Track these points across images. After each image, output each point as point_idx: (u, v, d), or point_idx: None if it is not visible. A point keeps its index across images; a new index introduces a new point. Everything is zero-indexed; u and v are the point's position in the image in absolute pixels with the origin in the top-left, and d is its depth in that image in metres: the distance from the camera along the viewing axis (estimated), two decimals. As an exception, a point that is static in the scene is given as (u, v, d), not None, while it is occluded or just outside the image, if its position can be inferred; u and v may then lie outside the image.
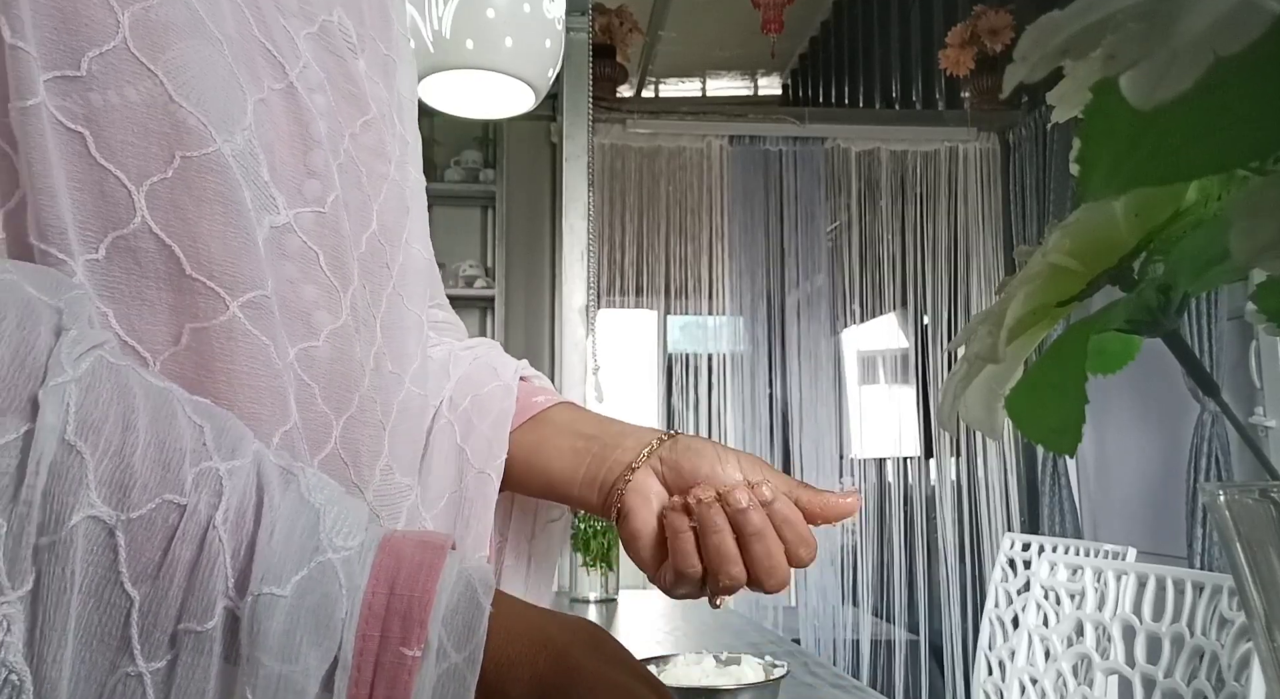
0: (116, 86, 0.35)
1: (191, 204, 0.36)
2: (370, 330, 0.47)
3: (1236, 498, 0.25)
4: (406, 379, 0.51)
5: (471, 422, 0.60)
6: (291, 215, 0.42)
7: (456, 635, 0.32)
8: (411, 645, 0.30)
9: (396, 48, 0.54)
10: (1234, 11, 0.18)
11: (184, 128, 0.36)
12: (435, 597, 0.31)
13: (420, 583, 0.31)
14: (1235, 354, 2.34)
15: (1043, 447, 0.30)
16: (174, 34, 0.36)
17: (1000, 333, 0.28)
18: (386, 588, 0.31)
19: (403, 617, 0.31)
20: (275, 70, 0.42)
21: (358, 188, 0.47)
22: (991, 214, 3.34)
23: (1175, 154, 0.21)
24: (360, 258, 0.47)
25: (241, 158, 0.39)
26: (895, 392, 3.45)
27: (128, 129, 0.35)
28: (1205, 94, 0.18)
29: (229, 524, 0.30)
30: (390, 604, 0.31)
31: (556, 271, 3.09)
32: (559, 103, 3.07)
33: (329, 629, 0.30)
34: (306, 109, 0.43)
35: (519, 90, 1.59)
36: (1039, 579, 1.74)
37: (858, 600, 3.31)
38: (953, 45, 3.19)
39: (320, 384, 0.43)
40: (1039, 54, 0.22)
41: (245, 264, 0.38)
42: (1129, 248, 0.28)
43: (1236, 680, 1.25)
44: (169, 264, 0.36)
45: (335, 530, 0.32)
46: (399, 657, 0.30)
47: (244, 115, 0.39)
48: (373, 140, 0.49)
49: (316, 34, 0.46)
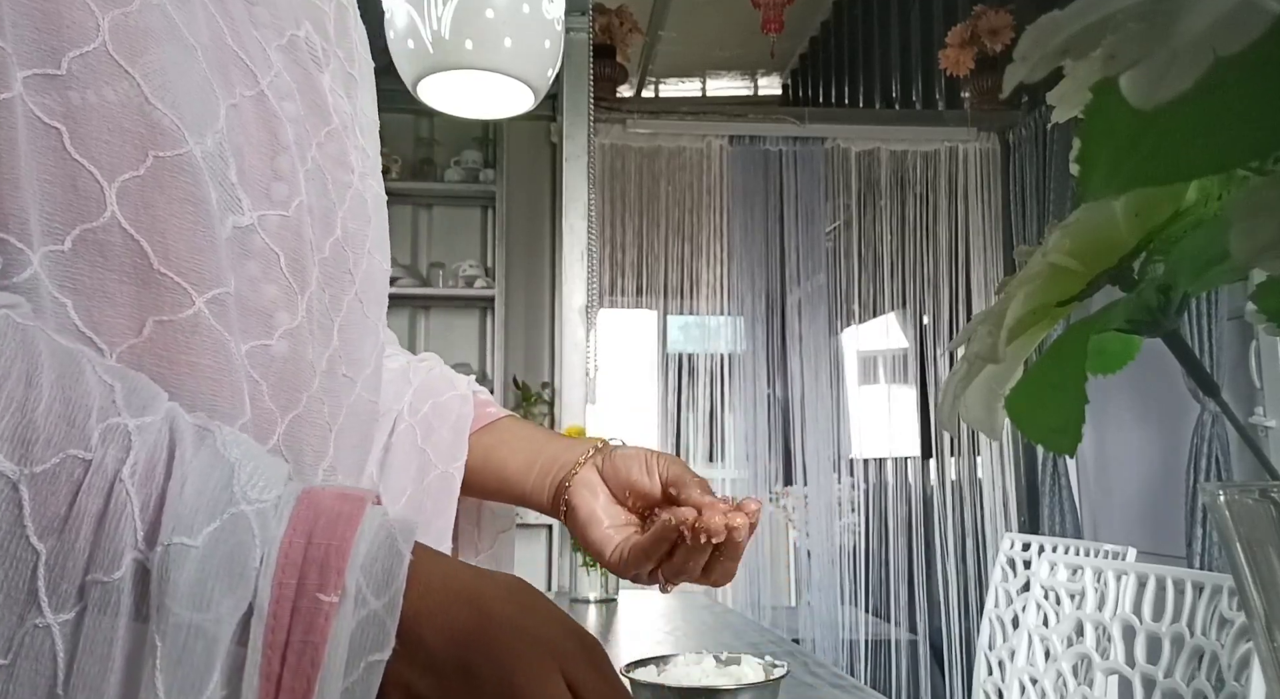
0: (95, 87, 0.36)
1: (162, 202, 0.38)
2: (327, 333, 0.49)
3: (1236, 498, 0.25)
4: (358, 384, 0.53)
5: (432, 425, 0.65)
6: (256, 217, 0.43)
7: (375, 582, 0.32)
8: (328, 592, 0.31)
9: (358, 67, 0.57)
10: (1234, 11, 0.18)
11: (158, 129, 0.37)
12: (353, 545, 0.31)
13: (338, 532, 0.32)
14: (1235, 354, 2.34)
15: (1043, 447, 0.30)
16: (151, 39, 0.38)
17: (1000, 333, 0.28)
18: (304, 538, 0.31)
19: (320, 564, 0.31)
20: (248, 77, 0.44)
21: (323, 195, 0.49)
22: (991, 214, 3.34)
23: (1175, 154, 0.21)
24: (323, 262, 0.48)
25: (211, 159, 0.40)
26: (895, 391, 3.45)
27: (104, 127, 0.36)
28: (1205, 94, 0.18)
29: (137, 478, 0.30)
30: (308, 553, 0.31)
31: (556, 271, 3.10)
32: (559, 103, 3.07)
33: (242, 578, 0.30)
34: (276, 115, 0.45)
35: (519, 90, 1.59)
36: (1039, 579, 1.74)
37: (858, 600, 3.31)
38: (953, 45, 3.19)
39: (269, 382, 0.44)
40: (1039, 54, 0.22)
41: (209, 261, 0.39)
42: (1129, 248, 0.28)
43: (1236, 680, 1.25)
44: (136, 258, 0.37)
45: (250, 484, 0.32)
46: (315, 603, 0.30)
47: (216, 119, 0.41)
48: (336, 150, 0.51)
49: (286, 46, 0.48)
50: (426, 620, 0.33)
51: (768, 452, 3.36)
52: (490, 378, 3.20)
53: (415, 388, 0.68)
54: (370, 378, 0.54)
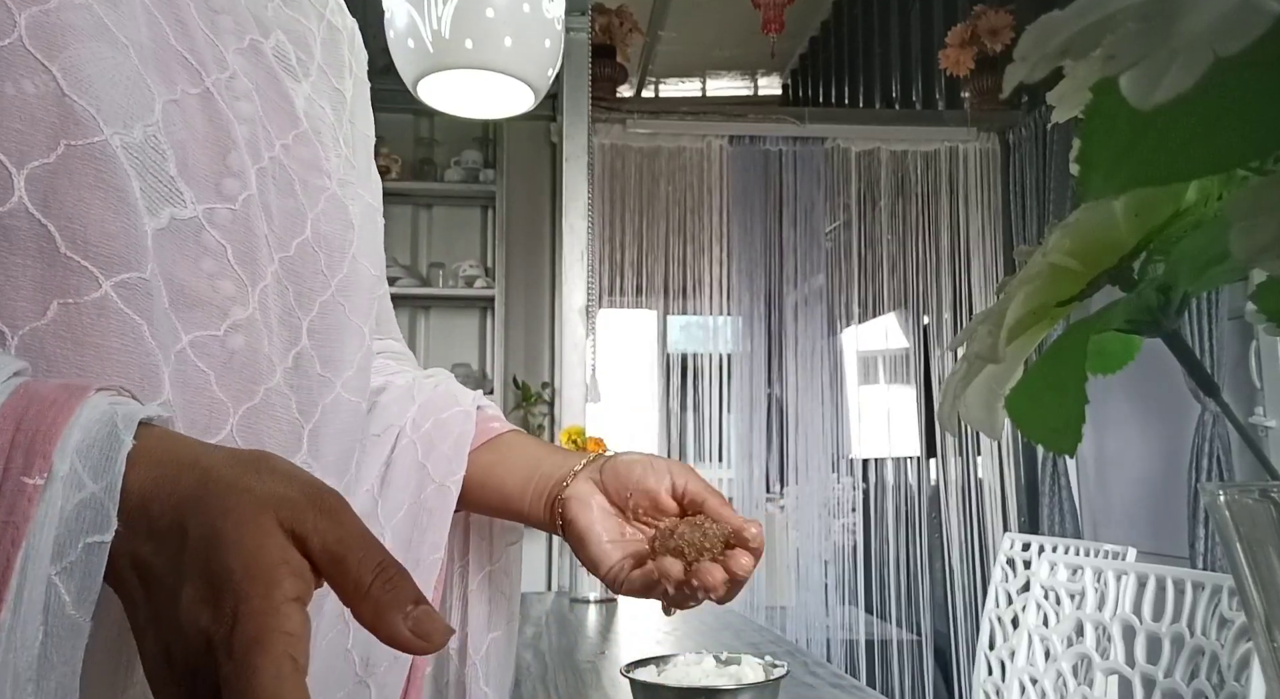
0: (11, 78, 0.38)
1: (71, 188, 0.39)
2: (291, 330, 0.50)
3: (1236, 498, 0.25)
4: (338, 384, 0.54)
5: (433, 441, 0.65)
6: (201, 210, 0.44)
7: (93, 466, 0.32)
8: (32, 474, 0.31)
9: (351, 87, 0.59)
10: (1234, 11, 0.18)
11: (73, 118, 0.39)
12: (64, 430, 0.32)
13: (49, 418, 0.32)
14: (1235, 354, 2.34)
15: (1043, 447, 0.30)
16: (72, 35, 0.39)
17: (1000, 333, 0.28)
18: (12, 425, 0.32)
19: (25, 449, 0.31)
20: (192, 76, 0.45)
21: (289, 195, 0.50)
22: (991, 214, 3.34)
23: (1175, 154, 0.21)
24: (285, 261, 0.49)
25: (138, 150, 0.41)
26: (895, 391, 3.45)
27: (15, 116, 0.38)
28: (1205, 94, 0.18)
29: None
30: (15, 439, 0.31)
31: (556, 271, 3.10)
32: (559, 103, 3.07)
33: None
34: (224, 114, 0.46)
35: (519, 90, 1.59)
36: (1039, 579, 1.74)
37: (857, 600, 3.31)
38: (953, 45, 3.19)
39: (216, 372, 0.45)
40: (1039, 54, 0.22)
41: (123, 247, 0.40)
42: (1129, 248, 0.28)
43: (1236, 680, 1.25)
44: (42, 242, 0.38)
45: None
46: (19, 485, 0.31)
47: (149, 112, 0.42)
48: (307, 154, 0.52)
49: (246, 49, 0.50)
50: (153, 492, 0.33)
51: (767, 451, 3.36)
52: (490, 378, 3.20)
53: (419, 405, 0.68)
54: (353, 379, 0.55)
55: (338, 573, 0.33)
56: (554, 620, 1.67)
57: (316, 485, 0.35)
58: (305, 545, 0.33)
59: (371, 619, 0.33)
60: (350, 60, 0.60)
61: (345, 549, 0.33)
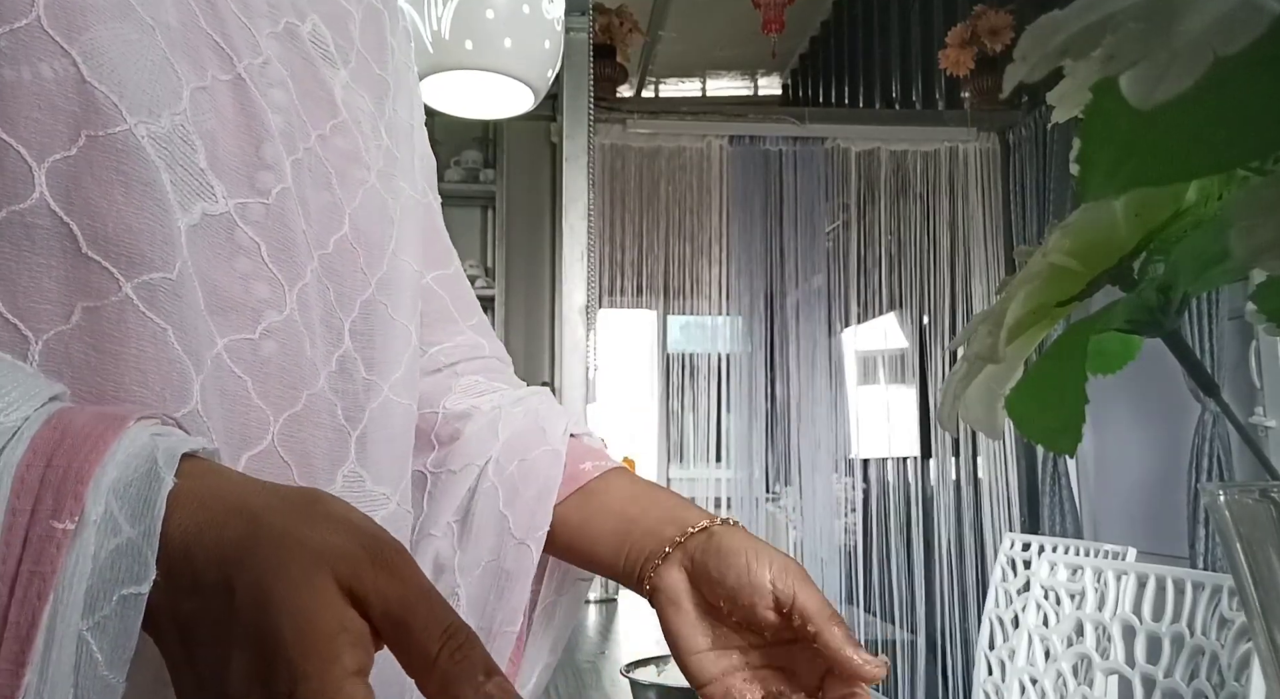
0: (30, 63, 0.35)
1: (94, 183, 0.36)
2: (333, 331, 0.47)
3: (1236, 498, 0.25)
4: (385, 387, 0.50)
5: (516, 488, 0.58)
6: (233, 205, 0.41)
7: (130, 508, 0.29)
8: (62, 518, 0.28)
9: (394, 72, 0.55)
10: (1234, 11, 0.18)
11: (93, 107, 0.36)
12: (97, 468, 0.29)
13: (82, 454, 0.29)
14: (1235, 354, 2.34)
15: (1043, 447, 0.30)
16: (94, 16, 0.36)
17: (1000, 333, 0.28)
18: (44, 461, 0.29)
19: (55, 489, 0.28)
20: (223, 61, 0.42)
21: (327, 189, 0.47)
22: (991, 214, 3.34)
23: (1175, 154, 0.21)
24: (324, 258, 0.46)
25: (166, 141, 0.38)
26: (895, 391, 3.45)
27: (34, 105, 0.35)
28: (1205, 94, 0.18)
29: None
30: (45, 477, 0.28)
31: (556, 271, 3.10)
32: (559, 103, 3.07)
33: None
34: (256, 102, 0.43)
35: (518, 90, 1.59)
36: (1039, 579, 1.74)
37: (857, 600, 3.31)
38: (953, 45, 3.19)
39: (254, 378, 0.42)
40: (1039, 54, 0.22)
41: (147, 246, 0.37)
42: (1129, 248, 0.28)
43: (1236, 680, 1.25)
44: (65, 242, 0.36)
45: None
46: (48, 530, 0.28)
47: (177, 100, 0.39)
48: (345, 145, 0.49)
49: (281, 34, 0.46)
50: (196, 538, 0.30)
51: (767, 451, 3.36)
52: (490, 378, 3.19)
53: (503, 442, 0.60)
54: (402, 381, 0.52)
55: (400, 638, 0.30)
56: (554, 620, 1.67)
57: (375, 535, 0.31)
58: (365, 607, 0.30)
59: (438, 693, 0.30)
60: (393, 43, 0.56)
61: (409, 612, 0.30)
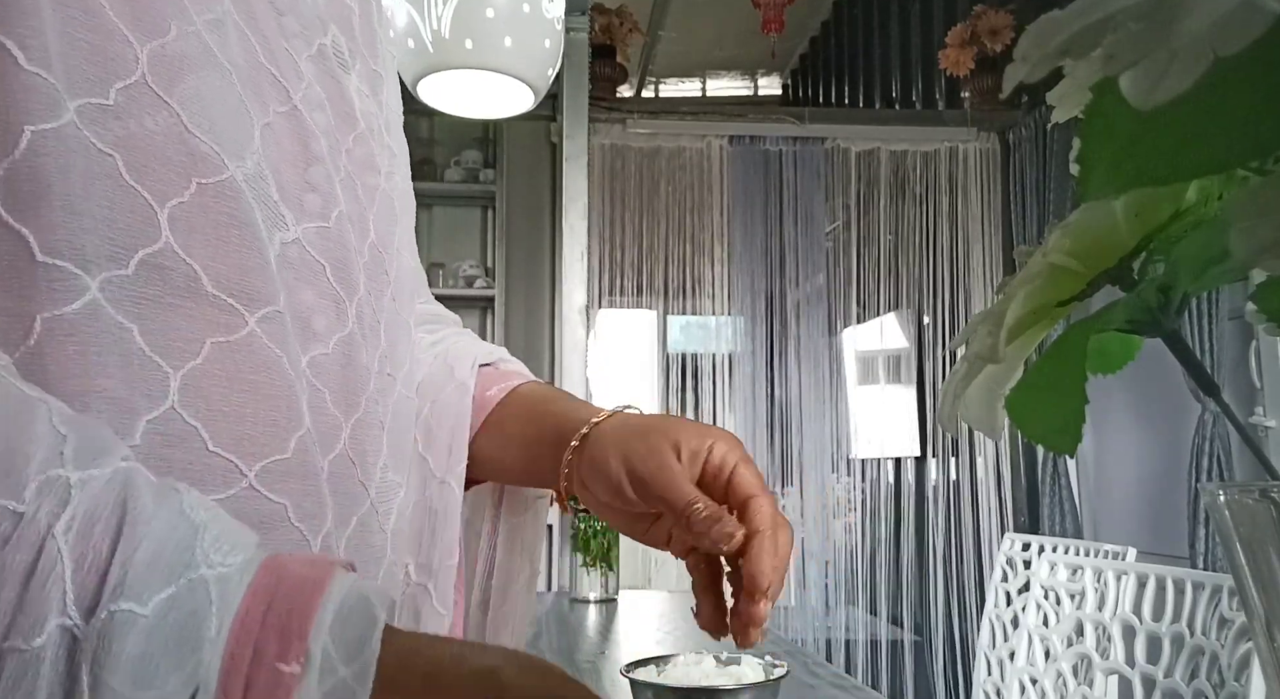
0: (138, 116, 0.36)
1: (209, 227, 0.38)
2: (376, 335, 0.49)
3: (1236, 498, 0.25)
4: (399, 382, 0.53)
5: (431, 430, 0.60)
6: (300, 231, 0.44)
7: (346, 649, 0.29)
8: (289, 661, 0.28)
9: (383, 63, 0.56)
10: (1234, 11, 0.18)
11: (198, 156, 0.38)
12: (318, 610, 0.29)
13: (303, 597, 0.29)
14: (1235, 354, 2.34)
15: (1043, 447, 0.30)
16: (188, 67, 0.38)
17: (1000, 333, 0.28)
18: (264, 604, 0.29)
19: (280, 631, 0.28)
20: (280, 94, 0.44)
21: (355, 200, 0.49)
22: (991, 214, 3.34)
23: (1175, 154, 0.21)
24: (365, 266, 0.49)
25: (252, 181, 0.41)
26: (895, 391, 3.45)
27: (151, 155, 0.37)
28: (1205, 94, 0.18)
29: (73, 533, 0.27)
30: (266, 619, 0.28)
31: (556, 271, 3.09)
32: (559, 103, 3.07)
33: (195, 652, 0.27)
34: (308, 128, 0.45)
35: (518, 90, 1.59)
36: (1039, 579, 1.74)
37: (857, 600, 3.31)
38: (953, 45, 3.19)
39: (330, 389, 0.45)
40: (1039, 54, 0.22)
41: (259, 281, 0.40)
42: (1129, 248, 0.28)
43: (1236, 680, 1.25)
44: (190, 281, 0.38)
45: (215, 547, 0.29)
46: (275, 674, 0.27)
47: (252, 140, 0.41)
48: (363, 154, 0.50)
49: (315, 56, 0.48)
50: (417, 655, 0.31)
51: (767, 451, 3.36)
52: (490, 378, 3.19)
53: (419, 383, 0.62)
54: (407, 375, 0.54)
55: None
56: (554, 620, 1.67)
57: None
58: None
59: None
60: (379, 32, 0.56)
61: None
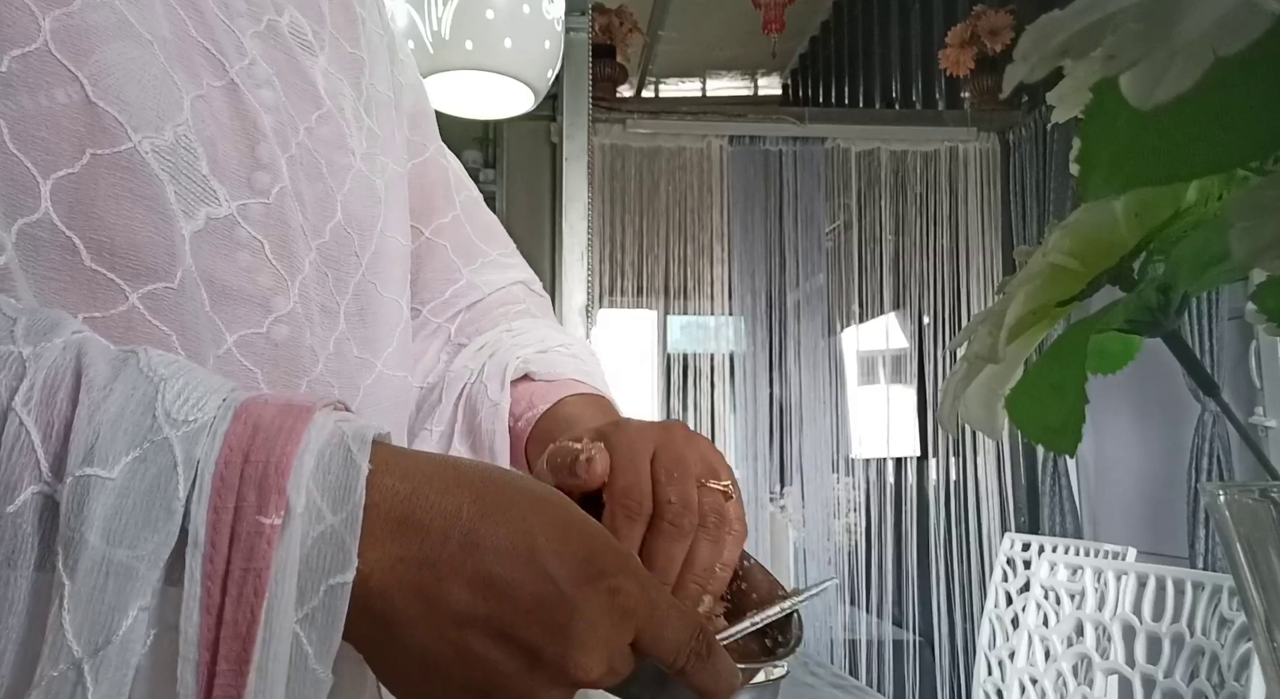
0: (43, 87, 0.36)
1: (98, 198, 0.37)
2: (331, 317, 0.49)
3: (1236, 498, 0.25)
4: (378, 364, 0.52)
5: (474, 448, 0.60)
6: (235, 206, 0.43)
7: (332, 496, 0.30)
8: (268, 513, 0.29)
9: (366, 48, 0.56)
10: (1234, 11, 0.18)
11: (99, 127, 0.37)
12: (294, 460, 0.29)
13: (278, 447, 0.29)
14: (1235, 354, 2.34)
15: (1043, 447, 0.30)
16: (98, 37, 0.37)
17: (1000, 333, 0.28)
18: (240, 457, 0.29)
19: (258, 485, 0.29)
20: (215, 68, 0.43)
21: (318, 179, 0.48)
22: (991, 214, 3.34)
23: (1175, 154, 0.21)
24: (321, 247, 0.48)
25: (169, 152, 0.40)
26: (895, 391, 3.45)
27: (41, 124, 0.36)
28: (1205, 94, 0.18)
29: (33, 404, 0.28)
30: (244, 472, 0.29)
31: (556, 271, 3.09)
32: (559, 103, 3.07)
33: (168, 511, 0.28)
34: (249, 104, 0.44)
35: (518, 90, 1.59)
36: (1039, 579, 1.74)
37: (857, 600, 3.31)
38: (953, 45, 3.19)
39: (264, 369, 0.44)
40: (1039, 54, 0.22)
41: (151, 257, 0.39)
42: (1129, 248, 0.28)
43: (1236, 680, 1.25)
44: (67, 255, 0.37)
45: (178, 404, 0.30)
46: (256, 526, 0.28)
47: (179, 111, 0.40)
48: (331, 133, 0.50)
49: (264, 33, 0.47)
50: (410, 507, 0.31)
51: (767, 451, 3.36)
52: (490, 378, 3.19)
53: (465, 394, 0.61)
54: (394, 355, 0.54)
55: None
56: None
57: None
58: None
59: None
60: (361, 14, 0.56)
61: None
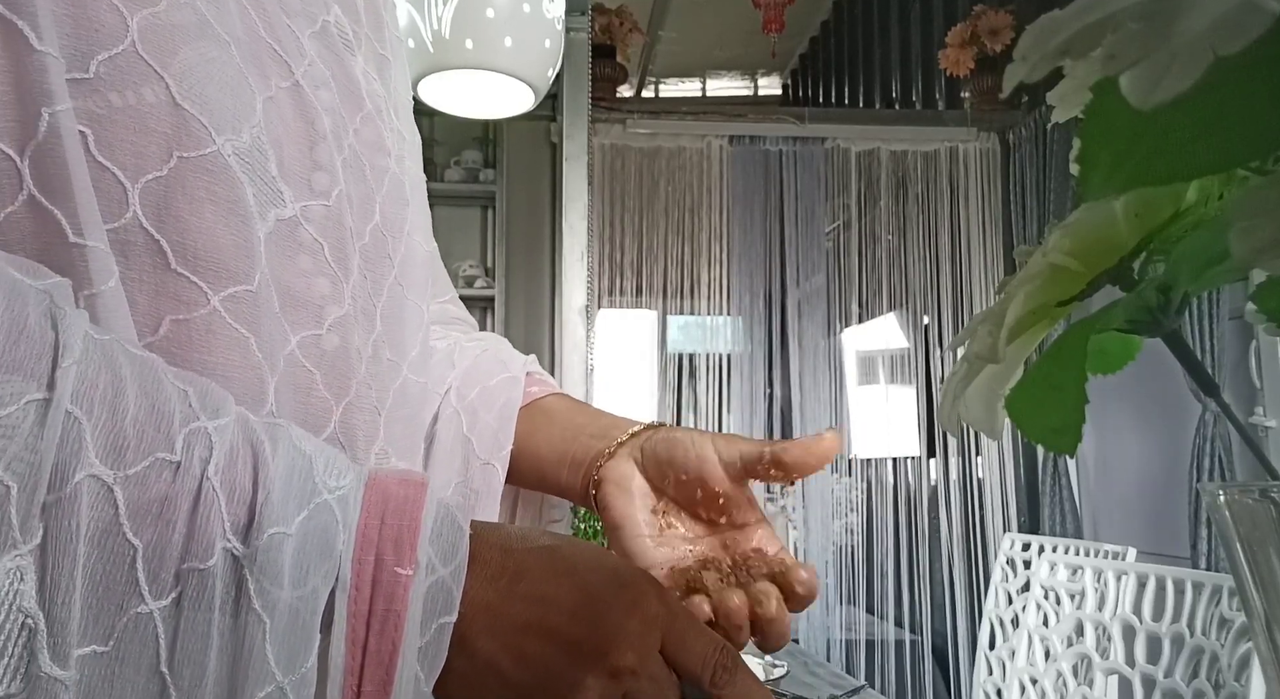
0: (129, 87, 0.36)
1: (185, 202, 0.38)
2: (370, 319, 0.49)
3: (1236, 498, 0.25)
4: (404, 367, 0.53)
5: (478, 412, 0.62)
6: (299, 208, 0.43)
7: (442, 553, 0.37)
8: (405, 566, 0.35)
9: (390, 47, 0.56)
10: (1234, 11, 0.18)
11: (185, 130, 0.38)
12: (422, 524, 0.37)
13: (408, 514, 0.37)
14: (1235, 354, 2.34)
15: (1043, 447, 0.30)
16: (181, 37, 0.38)
17: (1000, 333, 0.28)
18: (378, 520, 0.36)
19: (394, 543, 0.36)
20: (282, 68, 0.44)
21: (362, 181, 0.49)
22: (991, 214, 3.34)
23: (1175, 154, 0.21)
24: (363, 249, 0.48)
25: (247, 155, 0.40)
26: (895, 392, 3.45)
27: (129, 127, 0.37)
28: (1205, 94, 0.18)
29: (220, 475, 0.33)
30: (382, 533, 0.36)
31: (556, 271, 3.09)
32: (559, 103, 3.07)
33: (330, 558, 0.35)
34: (312, 105, 0.45)
35: (519, 90, 1.59)
36: (1039, 579, 1.74)
37: (857, 600, 3.31)
38: (953, 45, 3.19)
39: (322, 371, 0.45)
40: (1039, 54, 0.22)
41: (233, 260, 0.40)
42: (1129, 248, 0.28)
43: (1236, 680, 1.25)
44: (155, 257, 0.38)
45: (327, 474, 0.36)
46: (394, 576, 0.35)
47: (253, 113, 0.41)
48: (372, 135, 0.50)
49: (318, 33, 0.47)
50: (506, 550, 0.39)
51: (768, 452, 3.36)
52: (490, 378, 3.19)
53: (461, 371, 0.63)
54: (416, 360, 0.54)
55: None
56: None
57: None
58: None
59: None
60: (385, 16, 0.56)
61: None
